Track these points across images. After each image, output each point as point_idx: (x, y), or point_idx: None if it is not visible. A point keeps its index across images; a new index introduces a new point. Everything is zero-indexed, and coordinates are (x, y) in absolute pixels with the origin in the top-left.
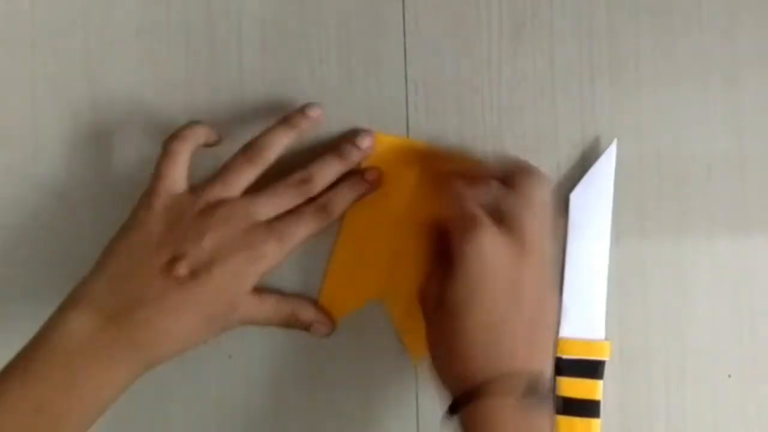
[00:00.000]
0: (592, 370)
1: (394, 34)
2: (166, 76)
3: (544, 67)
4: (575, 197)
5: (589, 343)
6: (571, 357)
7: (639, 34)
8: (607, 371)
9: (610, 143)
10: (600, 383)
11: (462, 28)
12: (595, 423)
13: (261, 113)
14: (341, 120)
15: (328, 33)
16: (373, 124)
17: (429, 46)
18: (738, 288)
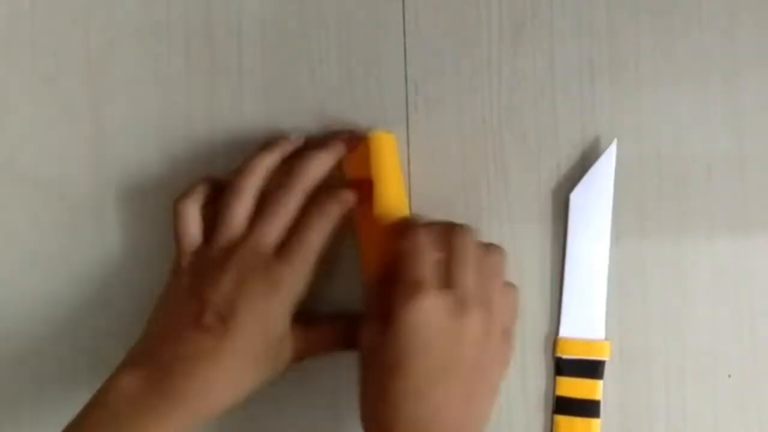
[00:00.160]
0: (592, 370)
1: (394, 34)
2: (166, 76)
3: (544, 67)
4: (575, 197)
5: (589, 343)
6: (571, 357)
7: (639, 34)
8: (607, 371)
9: (610, 143)
10: (600, 383)
11: (462, 28)
12: (595, 423)
13: (261, 114)
14: (341, 120)
15: (328, 33)
16: (373, 124)
17: (429, 46)
18: (738, 288)
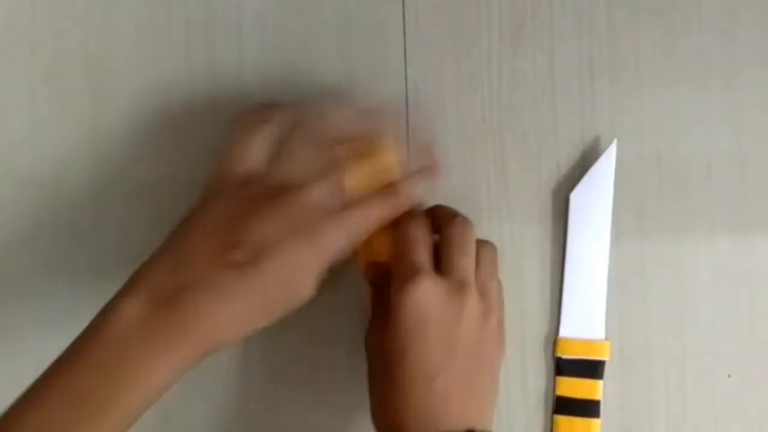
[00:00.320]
0: (592, 370)
1: (394, 34)
2: (166, 76)
3: (544, 67)
4: (575, 197)
5: (589, 343)
6: (571, 357)
7: (639, 34)
8: (607, 371)
9: (610, 143)
10: (600, 383)
11: (462, 28)
12: (595, 423)
13: None
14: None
15: (328, 33)
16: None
17: (429, 46)
18: (738, 288)
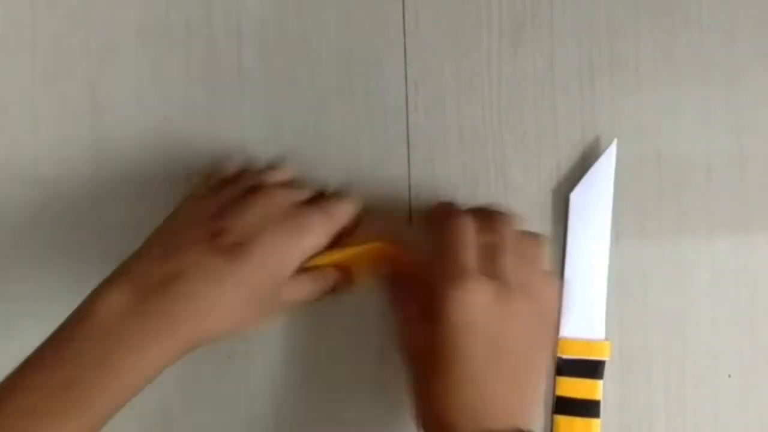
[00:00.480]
0: (592, 370)
1: (394, 34)
2: (166, 76)
3: (544, 67)
4: (575, 197)
5: (589, 343)
6: (571, 357)
7: (639, 34)
8: (607, 371)
9: (610, 143)
10: (600, 383)
11: (462, 28)
12: (595, 423)
13: (261, 113)
14: (341, 120)
15: (328, 33)
16: (373, 124)
17: (429, 46)
18: (738, 288)
